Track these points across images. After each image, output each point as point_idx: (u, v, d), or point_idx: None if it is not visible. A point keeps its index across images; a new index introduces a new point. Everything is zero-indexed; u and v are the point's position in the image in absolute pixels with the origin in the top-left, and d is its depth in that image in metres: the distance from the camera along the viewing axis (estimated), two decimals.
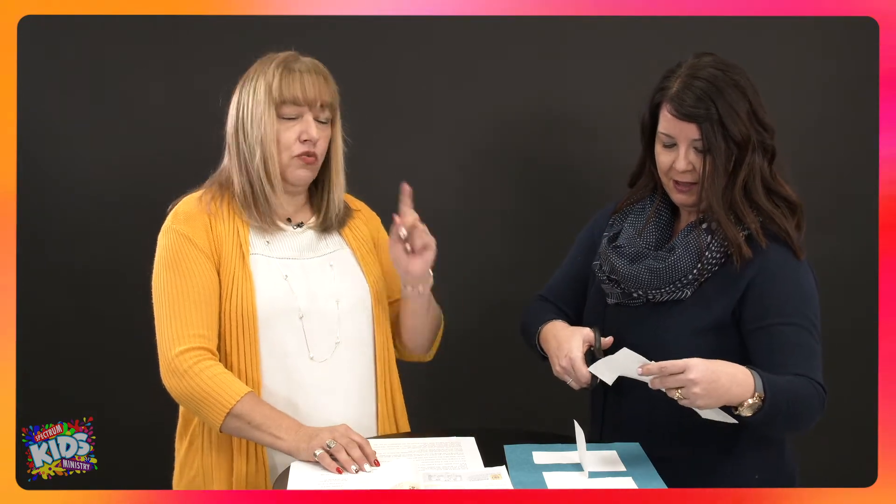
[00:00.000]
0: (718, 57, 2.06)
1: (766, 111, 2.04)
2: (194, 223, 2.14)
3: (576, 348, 2.07)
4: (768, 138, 2.04)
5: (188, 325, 2.08)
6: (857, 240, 2.44)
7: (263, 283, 2.14)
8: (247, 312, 2.12)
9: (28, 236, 2.52)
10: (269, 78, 2.13)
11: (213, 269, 2.13)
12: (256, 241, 2.18)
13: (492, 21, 2.68)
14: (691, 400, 1.85)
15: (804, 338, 2.00)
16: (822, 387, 1.98)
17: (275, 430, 2.02)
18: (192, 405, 2.08)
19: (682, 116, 2.02)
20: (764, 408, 1.88)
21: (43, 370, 2.81)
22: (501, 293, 2.90)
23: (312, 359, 2.16)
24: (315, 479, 1.91)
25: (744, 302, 2.03)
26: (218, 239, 2.14)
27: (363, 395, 2.22)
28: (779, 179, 2.06)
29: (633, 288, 2.10)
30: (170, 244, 2.14)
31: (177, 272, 2.11)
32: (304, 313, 2.15)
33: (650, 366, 1.87)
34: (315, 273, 2.20)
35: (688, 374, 1.83)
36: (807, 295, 2.03)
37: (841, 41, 2.75)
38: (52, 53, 2.76)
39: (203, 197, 2.19)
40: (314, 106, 2.14)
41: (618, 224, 2.20)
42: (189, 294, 2.10)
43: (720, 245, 2.05)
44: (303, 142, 2.14)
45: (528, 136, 2.86)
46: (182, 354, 2.06)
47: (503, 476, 1.93)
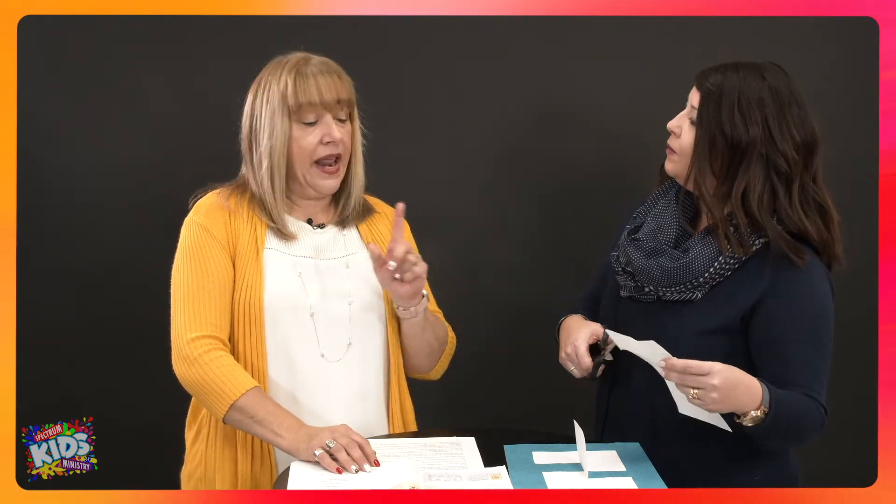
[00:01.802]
0: (781, 75, 2.05)
1: (792, 144, 2.01)
2: (214, 216, 2.16)
3: (582, 338, 2.12)
4: (782, 162, 2.01)
5: (202, 314, 2.10)
6: (857, 240, 2.44)
7: (274, 277, 2.15)
8: (253, 305, 2.12)
9: (28, 236, 2.52)
10: (281, 85, 2.12)
11: (229, 261, 2.14)
12: (273, 237, 2.18)
13: (495, 21, 2.68)
14: (704, 402, 1.86)
15: (811, 356, 2.00)
16: (824, 408, 1.98)
17: (276, 428, 2.02)
18: (199, 393, 2.09)
19: (696, 80, 2.07)
20: (766, 422, 1.89)
21: (43, 370, 2.81)
22: (502, 294, 2.90)
23: (323, 356, 2.16)
24: (315, 479, 1.91)
25: (755, 312, 2.02)
26: (235, 233, 2.15)
27: (370, 398, 2.21)
28: (798, 206, 2.02)
29: (645, 283, 2.11)
30: (190, 235, 2.16)
31: (195, 262, 2.13)
32: (314, 311, 2.15)
33: (674, 362, 1.86)
34: (330, 273, 2.19)
35: (711, 378, 1.84)
36: (819, 312, 2.02)
37: (841, 41, 2.75)
38: (52, 53, 2.76)
39: (222, 192, 2.21)
40: (332, 107, 2.13)
41: (641, 217, 2.21)
42: (205, 284, 2.11)
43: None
44: (325, 144, 2.13)
45: (533, 137, 2.86)
46: (194, 341, 2.08)
47: (503, 476, 1.93)
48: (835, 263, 2.08)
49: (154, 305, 2.24)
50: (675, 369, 1.86)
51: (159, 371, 2.21)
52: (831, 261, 2.07)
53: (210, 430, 2.18)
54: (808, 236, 2.03)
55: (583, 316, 2.26)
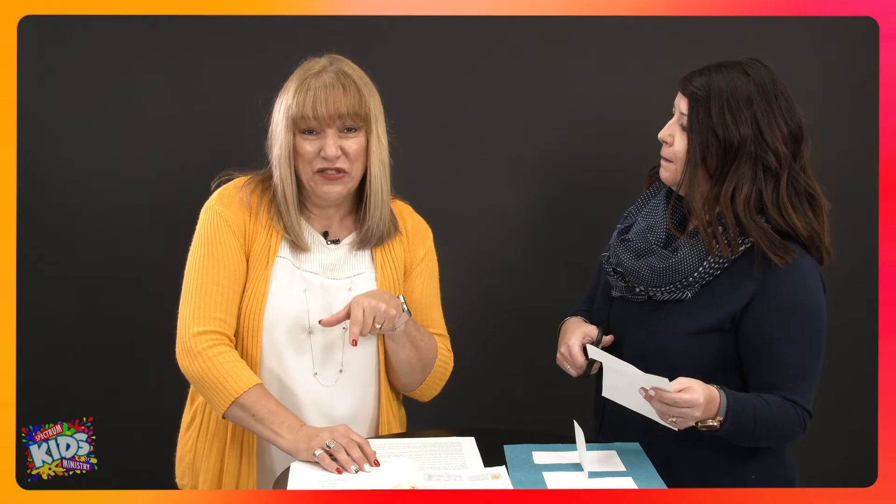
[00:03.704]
0: (763, 69, 2.05)
1: (781, 137, 2.01)
2: (235, 212, 2.15)
3: (575, 338, 2.15)
4: (772, 160, 2.01)
5: (209, 308, 2.09)
6: (857, 240, 2.44)
7: (279, 290, 2.14)
8: (255, 315, 2.12)
9: (28, 236, 2.52)
10: (287, 96, 2.11)
11: (244, 257, 2.14)
12: (287, 247, 2.17)
13: (496, 21, 2.68)
14: (679, 425, 1.92)
15: (797, 358, 2.00)
16: (807, 411, 1.99)
17: (276, 427, 2.02)
18: (201, 387, 2.09)
19: (680, 86, 2.08)
20: (721, 430, 1.94)
21: (43, 370, 2.81)
22: (502, 294, 2.90)
23: (316, 375, 2.16)
24: (315, 479, 1.91)
25: (745, 314, 2.02)
26: (252, 235, 2.15)
27: (357, 420, 2.19)
28: (786, 202, 2.02)
29: (635, 283, 2.11)
30: (210, 222, 2.15)
31: (212, 252, 2.12)
32: (313, 329, 2.15)
33: (662, 395, 1.88)
34: (334, 293, 2.18)
35: (694, 411, 1.89)
36: (808, 312, 2.02)
37: (841, 41, 2.75)
38: (52, 53, 2.76)
39: (247, 186, 2.18)
40: (329, 121, 2.10)
41: (631, 217, 2.21)
42: (217, 276, 2.11)
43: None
44: (322, 157, 2.12)
45: (532, 137, 2.86)
46: (198, 336, 2.07)
47: (503, 476, 1.93)
48: (826, 258, 2.07)
49: (154, 305, 2.24)
50: (662, 400, 1.89)
51: (159, 371, 2.21)
52: (822, 255, 2.07)
53: (203, 420, 2.18)
54: (796, 232, 2.03)
55: (582, 318, 2.27)
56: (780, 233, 2.02)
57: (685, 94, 2.06)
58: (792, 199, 2.03)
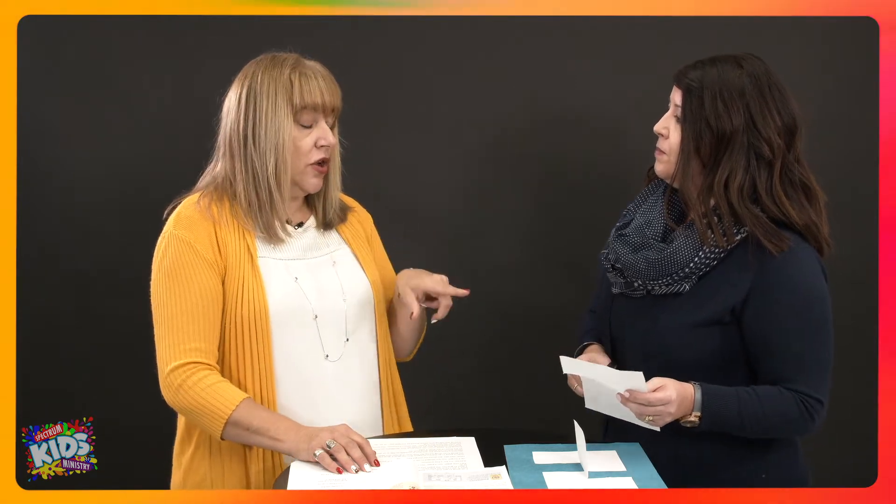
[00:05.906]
0: (758, 62, 2.06)
1: (774, 128, 2.02)
2: (197, 229, 2.11)
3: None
4: (766, 150, 2.02)
5: (182, 340, 2.07)
6: (857, 240, 2.44)
7: (274, 285, 2.13)
8: (259, 316, 2.10)
9: (28, 236, 2.52)
10: (286, 84, 2.10)
11: (214, 277, 2.10)
12: (262, 244, 2.16)
13: (495, 21, 2.68)
14: (657, 423, 1.96)
15: (800, 347, 2.00)
16: (813, 399, 1.98)
17: (274, 433, 2.02)
18: (192, 417, 2.08)
19: (675, 79, 2.09)
20: (702, 426, 1.97)
21: (43, 370, 2.81)
22: (502, 294, 2.90)
23: (328, 357, 2.16)
24: (315, 479, 1.91)
25: (745, 306, 2.02)
26: (223, 244, 2.11)
27: (369, 390, 2.22)
28: (780, 191, 2.03)
29: (633, 277, 2.11)
30: (170, 250, 2.10)
31: (176, 281, 2.08)
32: (317, 313, 2.15)
33: (636, 395, 1.93)
34: (321, 271, 2.19)
35: (669, 407, 1.94)
36: (809, 298, 2.01)
37: (841, 41, 2.75)
38: (52, 53, 2.76)
39: (201, 201, 2.15)
40: (329, 112, 2.13)
41: (630, 214, 2.21)
42: (186, 305, 2.07)
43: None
44: (319, 147, 2.13)
45: (532, 137, 2.86)
46: (174, 371, 2.06)
47: (503, 476, 1.93)
48: (825, 248, 2.07)
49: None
50: (636, 401, 1.93)
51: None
52: (821, 246, 2.06)
53: (212, 444, 2.14)
54: (791, 221, 2.03)
55: (600, 346, 2.25)
56: (775, 222, 2.02)
57: (680, 87, 2.08)
58: (786, 189, 2.04)
